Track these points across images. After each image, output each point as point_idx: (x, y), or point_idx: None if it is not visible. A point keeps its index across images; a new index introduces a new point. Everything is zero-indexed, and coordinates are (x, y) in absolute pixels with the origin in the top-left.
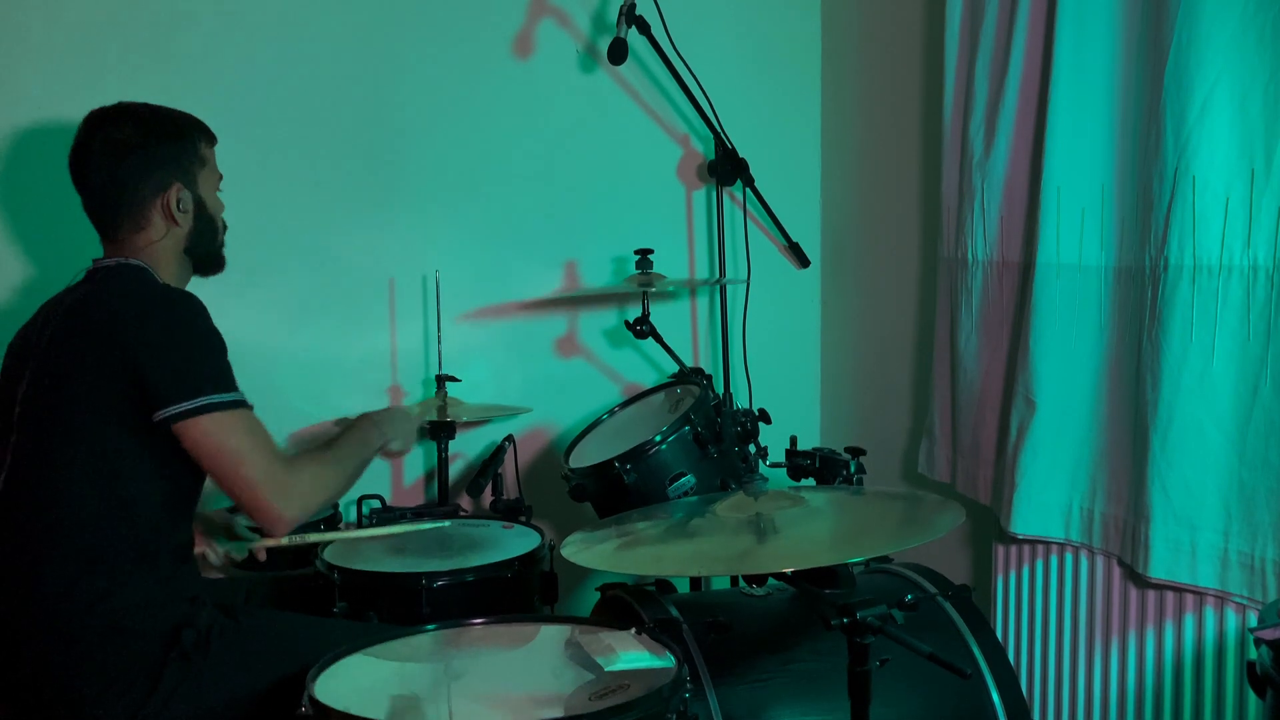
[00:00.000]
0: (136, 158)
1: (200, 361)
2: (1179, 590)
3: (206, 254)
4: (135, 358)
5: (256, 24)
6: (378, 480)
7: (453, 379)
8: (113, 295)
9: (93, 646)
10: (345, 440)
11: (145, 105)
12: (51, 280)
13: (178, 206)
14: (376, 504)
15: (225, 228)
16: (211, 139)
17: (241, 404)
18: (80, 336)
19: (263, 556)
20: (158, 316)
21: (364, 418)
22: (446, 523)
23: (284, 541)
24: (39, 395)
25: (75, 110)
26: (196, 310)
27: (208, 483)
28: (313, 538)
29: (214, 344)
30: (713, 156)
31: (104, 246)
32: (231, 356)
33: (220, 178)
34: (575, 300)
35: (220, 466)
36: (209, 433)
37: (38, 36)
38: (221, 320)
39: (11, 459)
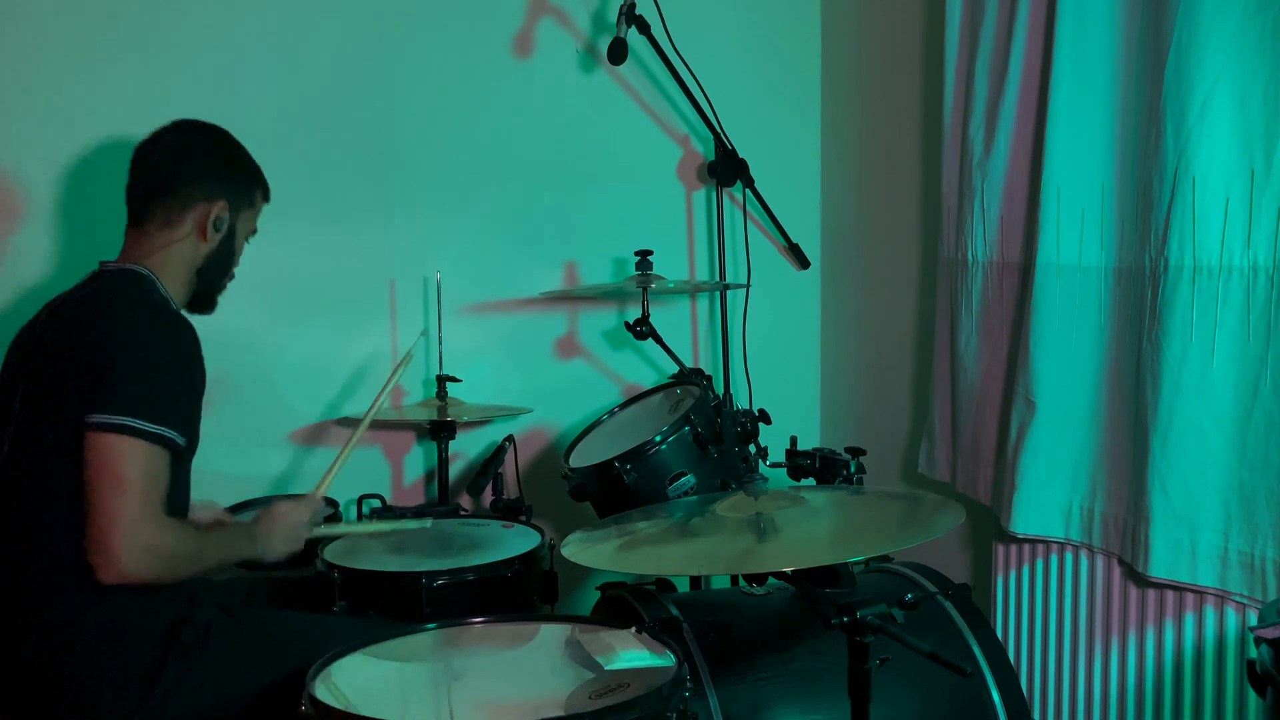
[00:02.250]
0: (203, 162)
1: (148, 382)
2: (1179, 590)
3: (208, 286)
4: (98, 358)
5: (257, 23)
6: (378, 480)
7: (453, 379)
8: (108, 297)
9: (91, 645)
10: (219, 538)
11: (232, 136)
12: (66, 282)
13: (214, 223)
14: (376, 504)
15: (232, 278)
16: (268, 195)
17: (162, 441)
18: (68, 336)
19: None
20: (136, 326)
21: (248, 526)
22: (428, 522)
23: None
24: (34, 392)
25: (75, 112)
26: (179, 337)
27: (195, 479)
28: None
29: (175, 372)
30: (713, 157)
31: (126, 237)
32: (230, 356)
33: (254, 232)
34: (575, 301)
35: (98, 485)
36: (109, 451)
37: (36, 40)
38: (220, 320)
39: (8, 456)
